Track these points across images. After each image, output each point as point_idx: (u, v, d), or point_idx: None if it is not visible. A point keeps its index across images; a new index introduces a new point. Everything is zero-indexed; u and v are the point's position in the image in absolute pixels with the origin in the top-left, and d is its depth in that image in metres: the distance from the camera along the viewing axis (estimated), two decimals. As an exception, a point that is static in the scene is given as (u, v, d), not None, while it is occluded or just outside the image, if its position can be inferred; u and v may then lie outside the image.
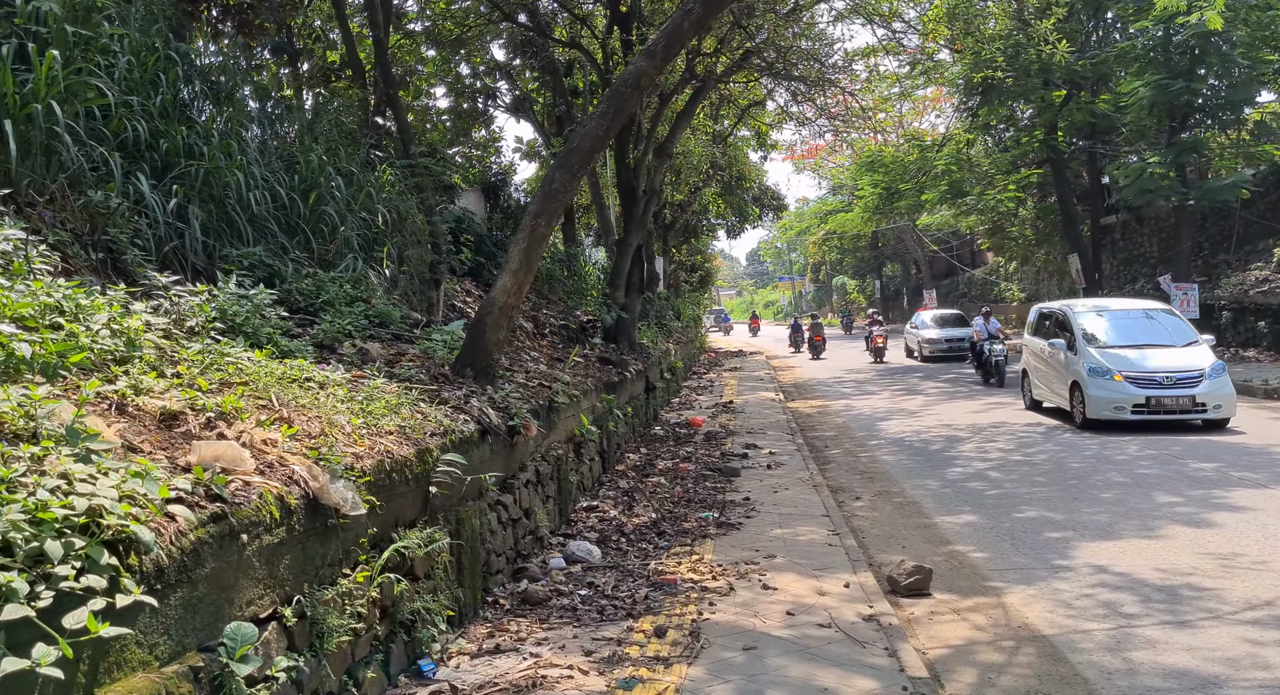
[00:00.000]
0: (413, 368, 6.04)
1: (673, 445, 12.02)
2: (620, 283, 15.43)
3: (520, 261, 6.50)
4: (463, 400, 5.48)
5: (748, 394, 19.12)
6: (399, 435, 4.24)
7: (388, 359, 6.39)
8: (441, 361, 6.71)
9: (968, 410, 15.20)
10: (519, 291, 6.55)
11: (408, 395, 4.98)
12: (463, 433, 4.94)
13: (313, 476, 3.24)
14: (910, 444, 12.26)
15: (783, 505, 8.21)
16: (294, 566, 3.08)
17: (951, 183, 23.47)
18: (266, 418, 3.61)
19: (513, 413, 6.02)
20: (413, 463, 4.13)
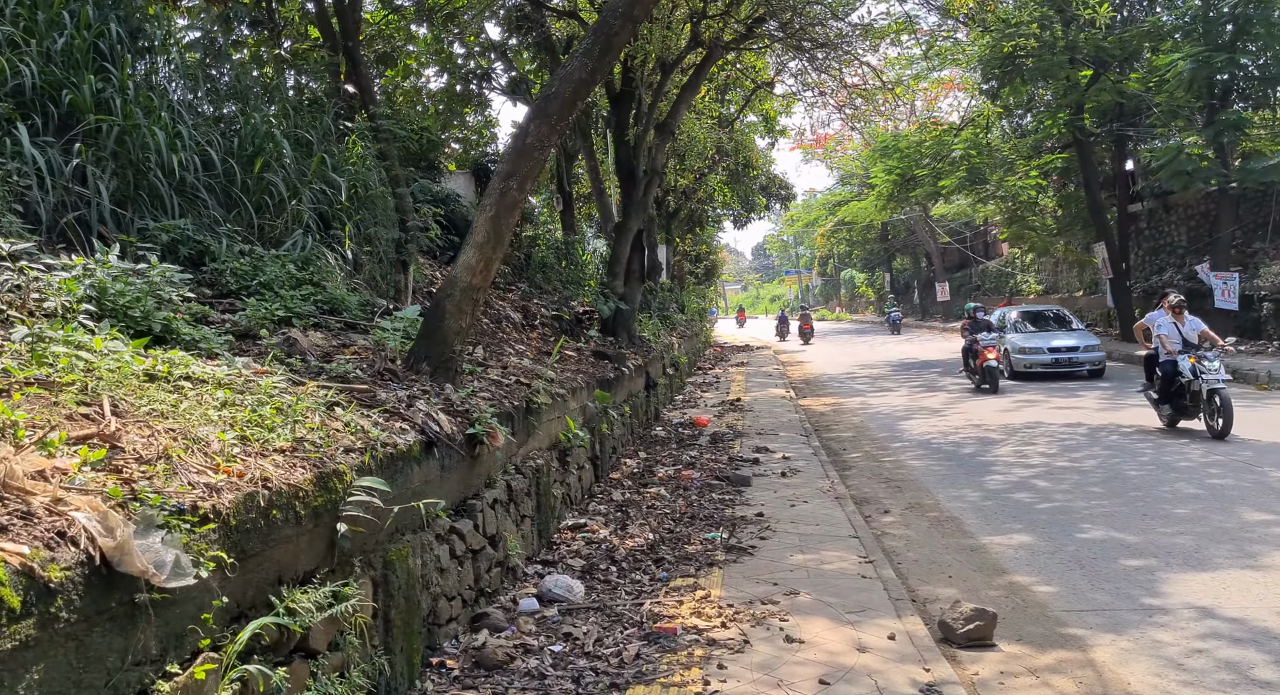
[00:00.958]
0: (350, 363, 4.88)
1: (675, 449, 10.85)
2: (619, 271, 14.26)
3: (488, 232, 5.33)
4: (403, 403, 4.31)
5: (756, 391, 17.94)
6: (293, 454, 3.08)
7: (325, 351, 5.24)
8: (394, 354, 5.56)
9: (996, 409, 14.00)
10: (486, 269, 5.38)
11: (324, 398, 3.83)
12: (396, 446, 3.77)
13: (105, 529, 2.07)
14: (938, 447, 11.08)
15: (802, 522, 7.04)
16: (58, 679, 1.92)
17: (970, 168, 22.21)
18: (73, 434, 2.45)
19: (475, 417, 4.85)
20: (309, 493, 2.97)
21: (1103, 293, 28.16)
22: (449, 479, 4.45)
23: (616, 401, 10.43)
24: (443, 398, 4.93)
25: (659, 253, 19.24)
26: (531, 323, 11.93)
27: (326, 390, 4.05)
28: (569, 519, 6.88)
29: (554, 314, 12.58)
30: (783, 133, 29.94)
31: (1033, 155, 24.16)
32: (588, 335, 12.75)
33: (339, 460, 3.26)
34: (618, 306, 13.84)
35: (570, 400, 7.70)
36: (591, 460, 8.36)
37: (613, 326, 14.13)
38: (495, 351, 8.58)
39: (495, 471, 5.36)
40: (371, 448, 3.52)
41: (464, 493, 4.78)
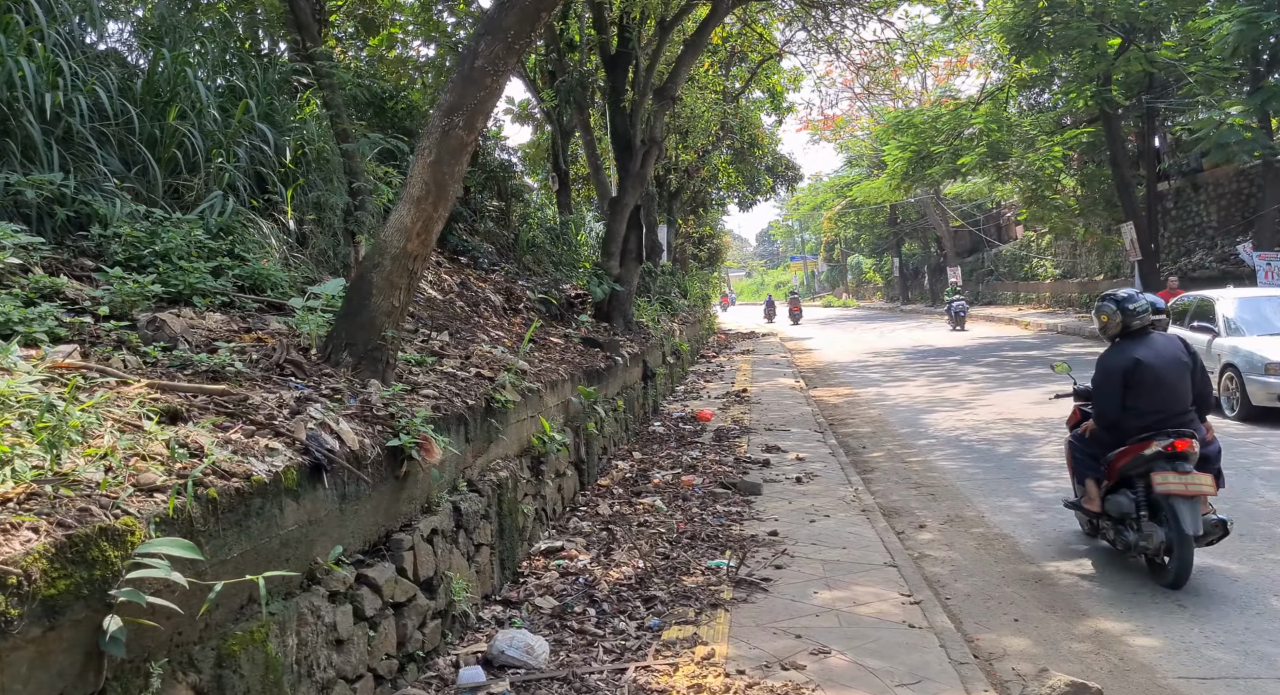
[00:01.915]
0: (236, 354, 3.68)
1: (675, 448, 9.64)
2: (614, 250, 13.04)
3: (426, 184, 4.10)
4: (285, 409, 3.10)
5: (763, 381, 16.72)
6: (26, 504, 1.86)
7: (215, 338, 4.03)
8: (310, 341, 4.35)
9: (1027, 400, 12.76)
10: (426, 231, 4.15)
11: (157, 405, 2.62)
12: (250, 476, 2.56)
13: None
14: (970, 445, 9.86)
15: (825, 543, 5.83)
16: None
17: (991, 143, 20.87)
18: None
19: (402, 425, 3.64)
20: (37, 575, 1.76)
21: (1125, 276, 26.85)
22: (356, 512, 3.25)
23: (608, 395, 9.23)
24: (360, 399, 3.72)
25: (659, 233, 18.01)
26: (515, 307, 10.73)
27: (171, 393, 2.84)
28: (543, 541, 5.68)
29: (541, 297, 11.37)
30: (790, 109, 28.62)
31: (1055, 130, 22.80)
32: (579, 321, 11.54)
33: (125, 507, 2.04)
34: (613, 289, 12.63)
35: (548, 396, 6.49)
36: (575, 466, 7.16)
37: (607, 311, 12.92)
38: (466, 338, 7.39)
39: (437, 492, 4.15)
40: (197, 482, 2.30)
41: (385, 526, 3.58)
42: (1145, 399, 5.08)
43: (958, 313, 27.25)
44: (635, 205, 13.29)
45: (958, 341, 24.08)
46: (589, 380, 8.18)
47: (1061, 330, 24.81)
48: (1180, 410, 5.08)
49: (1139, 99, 20.76)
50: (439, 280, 9.64)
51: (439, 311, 8.43)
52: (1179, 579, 4.87)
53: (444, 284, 9.62)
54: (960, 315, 27.25)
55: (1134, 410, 5.11)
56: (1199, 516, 4.76)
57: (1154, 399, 5.08)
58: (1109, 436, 5.29)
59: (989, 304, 38.34)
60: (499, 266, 11.83)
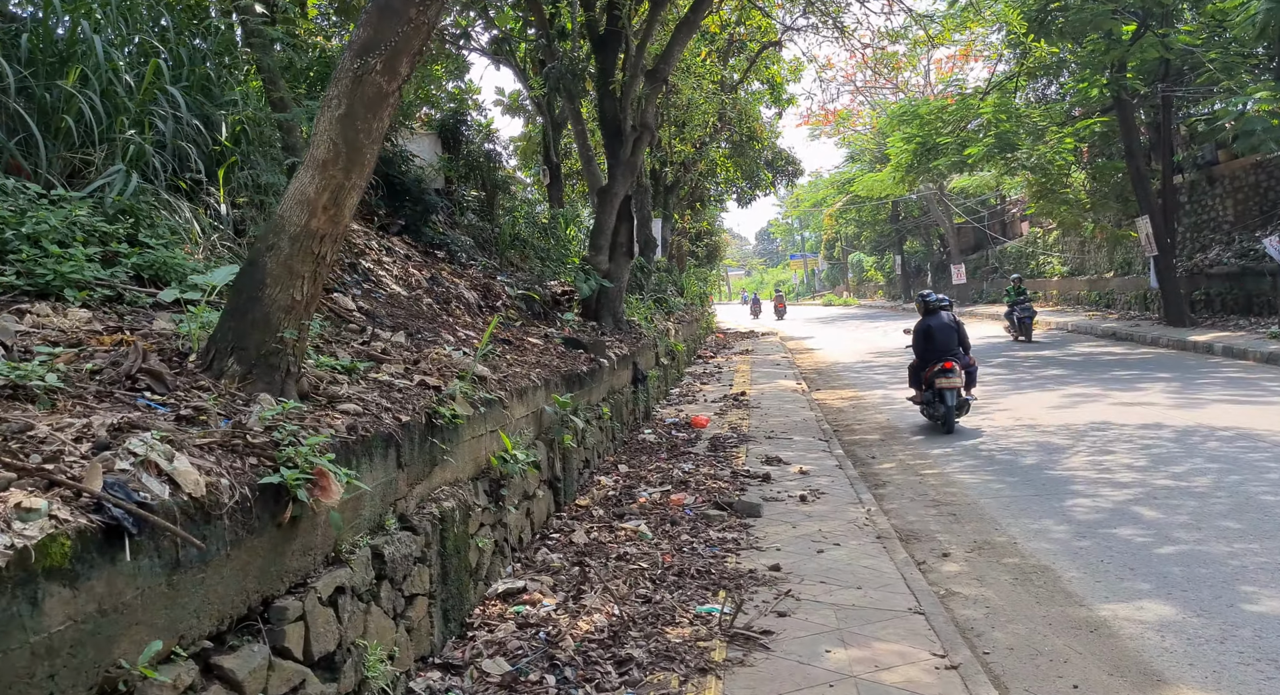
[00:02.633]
0: (65, 365, 2.79)
1: (666, 459, 8.75)
2: (603, 244, 12.16)
3: (333, 144, 3.20)
4: (86, 443, 2.20)
5: (763, 382, 15.83)
6: None
7: (60, 339, 3.14)
8: (190, 344, 3.46)
9: (1046, 405, 11.87)
10: (337, 205, 3.26)
11: None
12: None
13: None
14: (991, 454, 8.97)
15: (836, 581, 4.95)
16: None
17: (1000, 134, 19.96)
18: None
19: (286, 456, 2.75)
20: None
21: (1137, 274, 25.97)
22: (203, 582, 2.36)
23: (591, 402, 8.34)
24: (235, 422, 2.83)
25: (653, 227, 17.12)
26: (492, 304, 9.85)
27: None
28: (502, 580, 4.78)
29: (521, 294, 10.49)
30: (790, 101, 27.74)
31: (1066, 121, 21.90)
32: (563, 319, 10.67)
33: None
34: (600, 285, 11.75)
35: (515, 406, 5.60)
36: (549, 484, 6.27)
37: (595, 309, 12.05)
38: (428, 339, 6.52)
39: (351, 536, 3.27)
40: None
41: (262, 592, 2.69)
42: (933, 345, 10.01)
43: (1022, 320, 19.85)
44: (626, 195, 12.41)
45: (965, 341, 23.20)
46: (568, 386, 7.30)
47: (1072, 329, 23.93)
48: (950, 350, 9.97)
49: (1154, 87, 19.86)
50: (406, 275, 8.75)
51: (401, 309, 7.55)
52: (948, 427, 9.80)
53: (411, 279, 8.74)
54: (1026, 323, 19.87)
55: (929, 351, 10.03)
56: (956, 397, 9.75)
57: (936, 345, 9.98)
58: (921, 363, 10.20)
59: (994, 302, 37.43)
60: (477, 261, 10.95)
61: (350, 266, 7.84)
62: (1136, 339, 19.68)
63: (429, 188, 11.24)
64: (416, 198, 10.90)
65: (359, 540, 3.35)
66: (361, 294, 7.32)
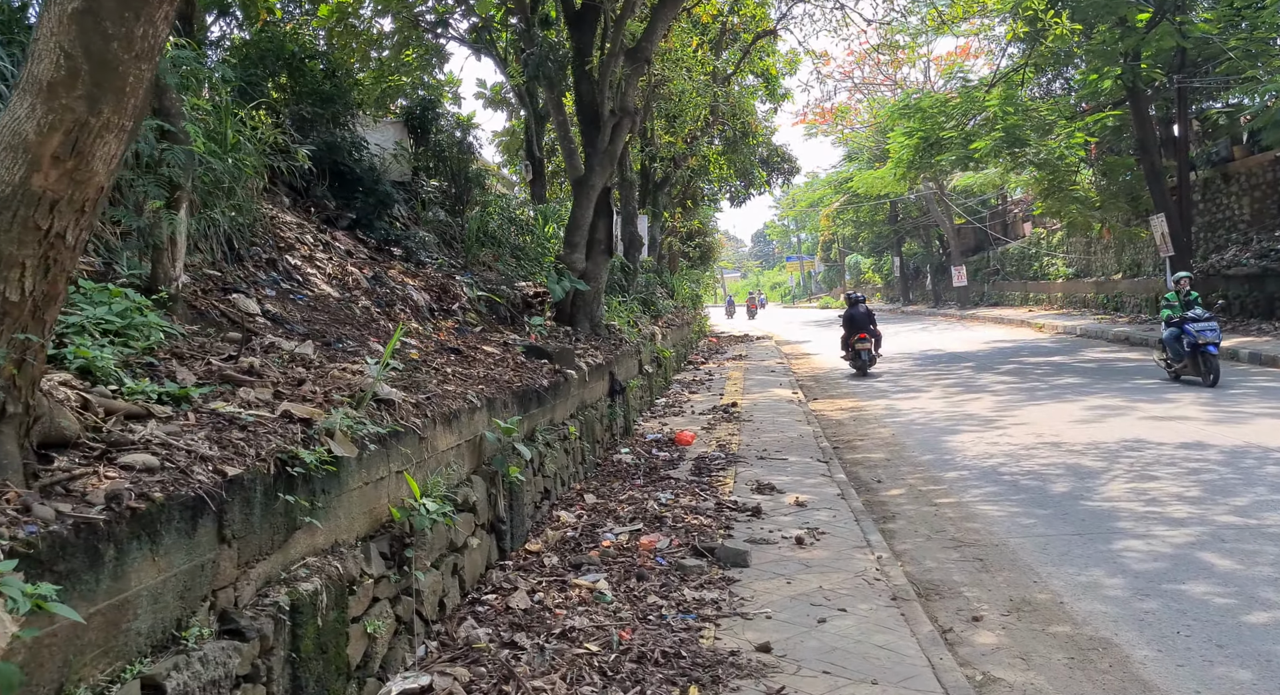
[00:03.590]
0: None
1: (642, 486, 7.60)
2: (579, 240, 11.02)
3: (66, 56, 2.06)
4: None
5: (756, 392, 14.70)
6: None
7: None
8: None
9: (1068, 418, 10.75)
10: (77, 154, 2.09)
11: None
12: None
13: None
14: (1014, 480, 7.84)
15: (843, 668, 3.80)
16: None
17: (1008, 128, 18.87)
18: None
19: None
20: None
21: (1148, 275, 24.91)
22: None
23: (555, 421, 7.20)
24: None
25: (639, 224, 16.00)
26: (447, 308, 8.70)
27: None
28: (402, 676, 3.61)
29: (483, 295, 9.34)
30: (786, 96, 26.64)
31: (1075, 115, 20.83)
32: (530, 323, 9.52)
33: None
34: (575, 287, 10.60)
35: (438, 436, 4.46)
36: (489, 528, 5.12)
37: (570, 313, 10.91)
38: (349, 350, 5.40)
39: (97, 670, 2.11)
40: None
41: None
42: (854, 325, 16.93)
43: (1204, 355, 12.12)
44: (605, 187, 11.28)
45: (969, 346, 22.10)
46: (522, 404, 6.15)
47: (1081, 333, 22.84)
48: (864, 327, 16.84)
49: (1170, 79, 18.80)
50: (343, 274, 7.60)
51: (325, 313, 6.40)
52: (863, 369, 16.85)
53: (349, 279, 7.59)
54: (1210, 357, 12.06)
55: (852, 328, 16.93)
56: (868, 353, 16.76)
57: (856, 325, 16.93)
58: (848, 336, 17.04)
59: (995, 305, 36.38)
60: (434, 260, 9.79)
61: (269, 263, 6.69)
62: (1152, 344, 18.50)
63: (385, 179, 10.09)
64: (370, 189, 9.76)
65: (131, 669, 2.20)
66: (277, 295, 6.17)
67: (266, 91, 9.99)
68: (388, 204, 9.96)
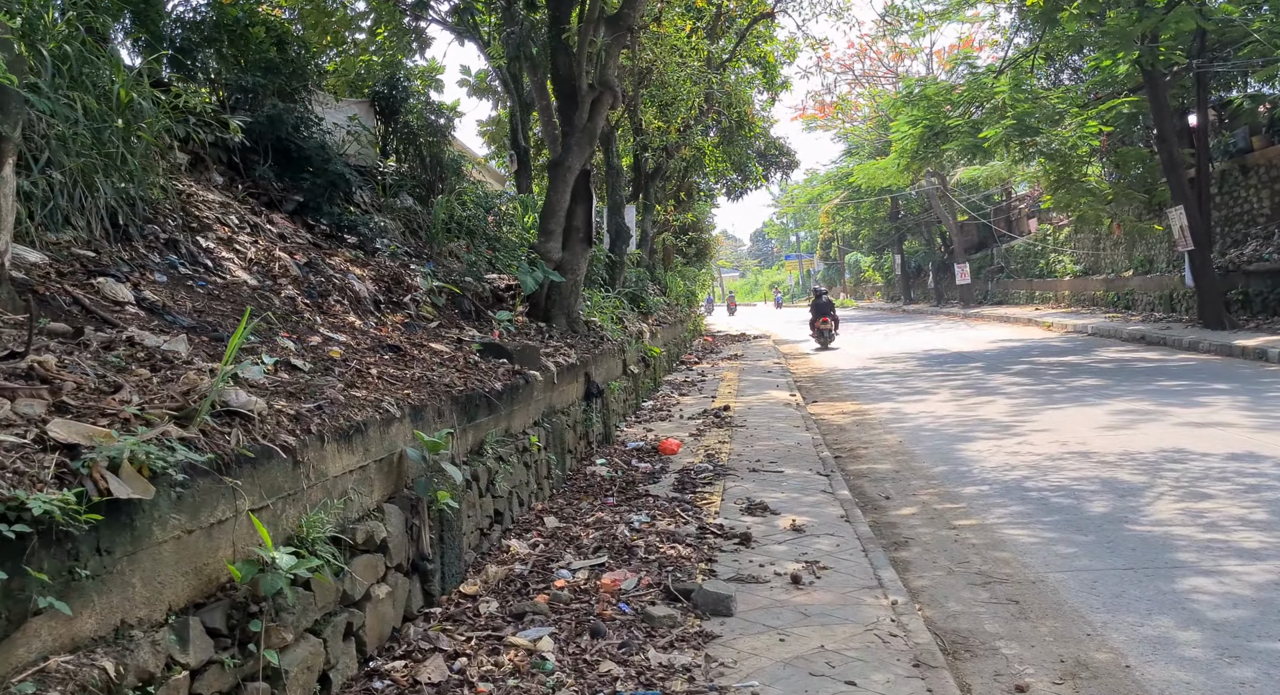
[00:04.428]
0: None
1: (615, 504, 6.57)
2: (555, 228, 10.00)
3: None
4: None
5: (751, 394, 13.68)
6: None
7: None
8: None
9: (1093, 423, 9.73)
10: None
11: None
12: None
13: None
14: (1044, 497, 6.82)
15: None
16: None
17: (1018, 115, 17.83)
18: None
19: None
20: None
21: (1161, 272, 23.90)
22: None
23: (512, 430, 6.17)
24: None
25: (626, 215, 14.97)
26: (397, 300, 7.67)
27: None
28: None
29: (441, 286, 8.31)
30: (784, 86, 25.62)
31: (1088, 104, 19.81)
32: (496, 319, 8.50)
33: None
34: (549, 279, 9.58)
35: (329, 457, 3.43)
36: (408, 570, 4.09)
37: (544, 307, 9.89)
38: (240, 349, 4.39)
39: None
40: None
41: None
42: (820, 312, 22.46)
43: None
44: (584, 170, 10.26)
45: (975, 345, 21.07)
46: (467, 412, 5.13)
47: (1093, 332, 21.83)
48: (826, 313, 22.43)
49: (1190, 64, 17.77)
50: (268, 258, 6.56)
51: (232, 303, 5.37)
52: (825, 343, 22.29)
53: (275, 264, 6.56)
54: None
55: (817, 312, 22.54)
56: (828, 333, 22.31)
57: (821, 312, 22.46)
58: (814, 318, 22.61)
59: (1000, 303, 35.38)
60: (386, 246, 8.76)
61: (169, 245, 5.66)
62: (1171, 343, 17.58)
63: (339, 159, 9.05)
64: (320, 170, 8.72)
65: None
66: (170, 282, 5.15)
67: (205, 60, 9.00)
68: (340, 186, 8.92)
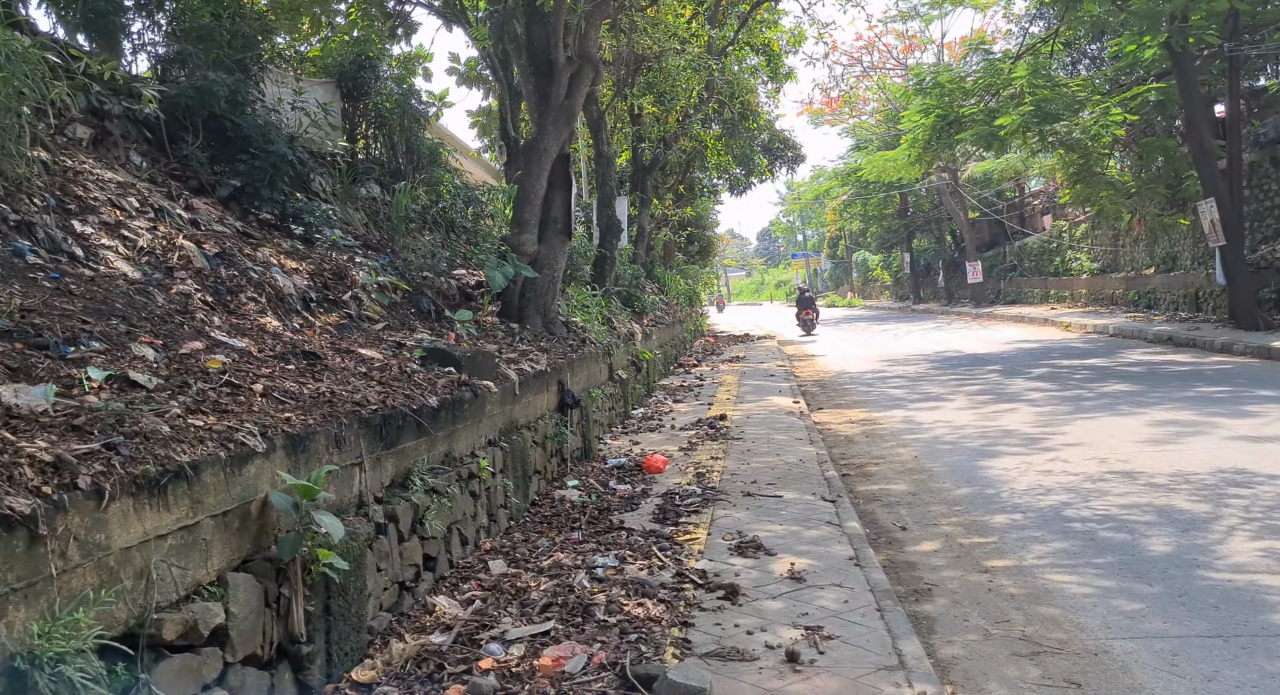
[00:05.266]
0: None
1: (580, 540, 5.52)
2: (529, 218, 8.96)
3: None
4: None
5: (751, 400, 12.62)
6: None
7: None
8: None
9: (1132, 436, 8.65)
10: None
11: None
12: None
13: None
14: (1089, 531, 5.75)
15: None
16: None
17: (1039, 101, 16.71)
18: None
19: None
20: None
21: (1185, 269, 22.72)
22: None
23: (454, 454, 5.13)
24: None
25: (617, 208, 13.92)
26: (334, 298, 6.63)
27: None
28: None
29: (390, 281, 7.29)
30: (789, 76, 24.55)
31: (1110, 91, 18.69)
32: (457, 319, 7.46)
33: None
34: (522, 274, 8.55)
35: (112, 523, 2.39)
36: (278, 655, 3.05)
37: (518, 306, 8.86)
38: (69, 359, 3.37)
39: None
40: None
41: None
42: (803, 305, 28.35)
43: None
44: (563, 154, 9.23)
45: (990, 347, 19.96)
46: (381, 437, 4.09)
47: (1115, 333, 20.68)
48: (810, 307, 28.33)
49: (1222, 47, 16.65)
50: (166, 247, 5.53)
51: (88, 300, 4.32)
52: (809, 330, 27.72)
53: (174, 255, 5.52)
54: None
55: (800, 306, 28.44)
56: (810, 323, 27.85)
57: (805, 305, 28.29)
58: (799, 310, 28.40)
59: (1013, 303, 34.21)
60: (330, 236, 7.72)
61: (21, 227, 4.63)
62: (1201, 345, 16.44)
63: (282, 139, 8.01)
64: (262, 150, 7.70)
65: None
66: (7, 273, 4.12)
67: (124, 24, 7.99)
68: (285, 170, 7.89)
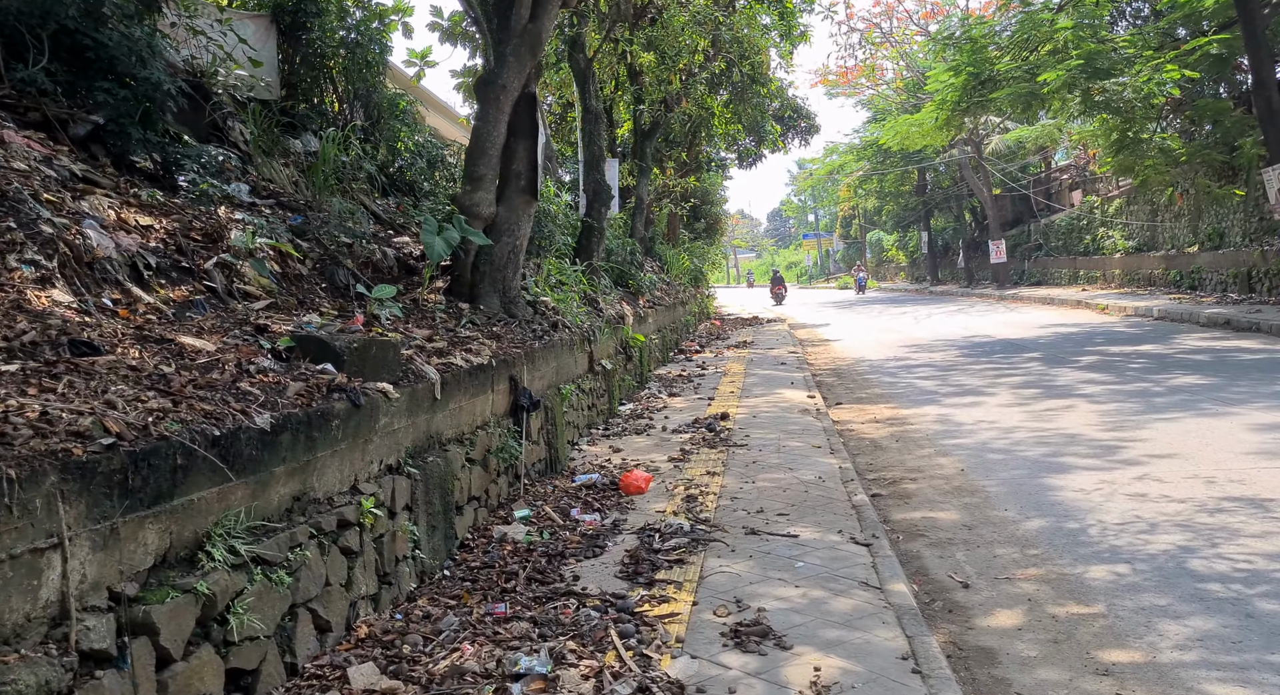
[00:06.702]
0: None
1: (504, 617, 3.81)
2: (484, 173, 7.19)
3: None
4: None
5: (759, 393, 10.89)
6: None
7: None
8: None
9: (1240, 446, 6.89)
10: None
11: None
12: None
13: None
14: (1237, 596, 4.02)
15: None
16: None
17: (1088, 55, 14.78)
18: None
19: None
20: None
21: (1236, 246, 20.78)
22: None
23: (323, 491, 3.42)
24: None
25: (607, 171, 12.13)
26: (191, 267, 4.90)
27: None
28: None
29: (286, 247, 5.57)
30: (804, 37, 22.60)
31: (1163, 45, 16.73)
32: (373, 297, 5.75)
33: None
34: (472, 242, 6.81)
35: None
36: None
37: (471, 281, 7.14)
38: None
39: None
40: None
41: None
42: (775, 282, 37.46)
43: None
44: (528, 93, 7.46)
45: (1023, 331, 18.14)
46: (123, 492, 2.37)
47: (1160, 315, 18.82)
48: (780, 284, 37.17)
49: None
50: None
51: None
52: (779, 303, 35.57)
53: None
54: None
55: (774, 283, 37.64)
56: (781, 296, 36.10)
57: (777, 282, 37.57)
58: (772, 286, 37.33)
59: (1039, 284, 32.30)
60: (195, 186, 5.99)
61: None
62: (1268, 330, 14.61)
63: (158, 65, 6.25)
64: (130, 76, 5.94)
65: None
66: None
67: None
68: (163, 104, 6.13)
